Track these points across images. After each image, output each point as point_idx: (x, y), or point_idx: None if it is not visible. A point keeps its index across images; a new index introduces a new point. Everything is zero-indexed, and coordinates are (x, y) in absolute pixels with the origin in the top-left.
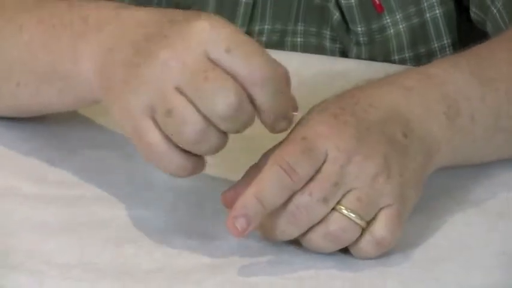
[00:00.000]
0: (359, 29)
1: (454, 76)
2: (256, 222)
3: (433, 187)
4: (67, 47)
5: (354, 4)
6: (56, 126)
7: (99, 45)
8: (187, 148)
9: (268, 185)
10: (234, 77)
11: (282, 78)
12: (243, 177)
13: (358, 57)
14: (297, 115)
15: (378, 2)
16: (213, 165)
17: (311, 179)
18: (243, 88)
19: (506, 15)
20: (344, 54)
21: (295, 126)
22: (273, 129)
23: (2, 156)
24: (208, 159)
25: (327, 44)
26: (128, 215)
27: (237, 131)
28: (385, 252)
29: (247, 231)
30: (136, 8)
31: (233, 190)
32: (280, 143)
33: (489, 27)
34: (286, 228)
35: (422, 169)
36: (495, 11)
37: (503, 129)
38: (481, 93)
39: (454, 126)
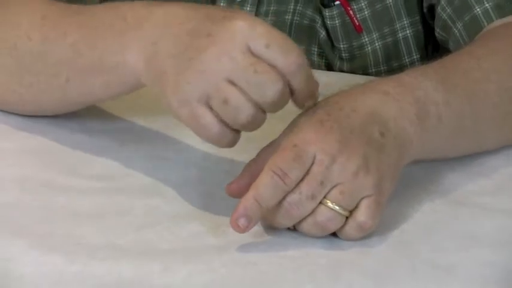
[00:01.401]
0: (342, 46)
1: (424, 84)
2: (256, 221)
3: (406, 179)
4: (112, 43)
5: (337, 25)
6: (88, 125)
7: (142, 39)
8: (238, 128)
9: (265, 189)
10: (276, 69)
11: (310, 67)
12: (243, 171)
13: (341, 70)
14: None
15: (357, 24)
16: (219, 161)
17: (301, 179)
18: (284, 77)
19: (465, 35)
20: (329, 67)
21: (288, 131)
22: (302, 106)
23: (42, 153)
24: (215, 157)
25: (315, 58)
26: (146, 204)
27: (277, 111)
28: (365, 235)
29: (248, 229)
30: (168, 5)
31: (235, 182)
32: (273, 142)
33: (451, 45)
34: (282, 221)
35: (397, 163)
36: (456, 31)
37: (466, 128)
38: (447, 98)
39: (424, 126)
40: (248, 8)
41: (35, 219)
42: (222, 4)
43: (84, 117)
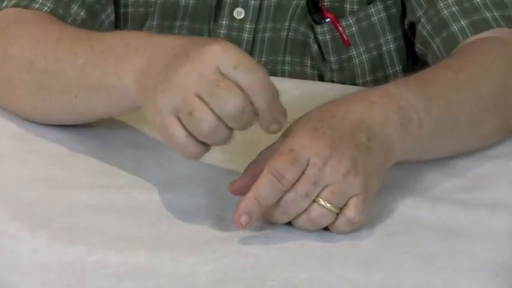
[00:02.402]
0: (332, 58)
1: (406, 94)
2: (256, 217)
3: (390, 178)
4: (110, 65)
5: (328, 40)
6: (105, 131)
7: (138, 63)
8: (202, 140)
9: (264, 189)
10: (240, 88)
11: (275, 91)
12: (244, 172)
13: (331, 80)
14: (289, 122)
15: (346, 39)
16: (223, 162)
17: (297, 180)
18: (247, 96)
19: (443, 50)
20: (321, 78)
21: (285, 136)
22: (267, 130)
23: (64, 155)
24: (220, 158)
25: (308, 70)
26: (159, 199)
27: (242, 129)
28: (354, 229)
29: (249, 224)
30: (164, 36)
31: (238, 181)
32: (272, 146)
33: (430, 58)
34: (280, 217)
35: (382, 165)
36: (435, 46)
37: (444, 133)
38: (427, 107)
39: (407, 131)
40: (248, 25)
41: (59, 213)
42: (223, 22)
43: (99, 124)
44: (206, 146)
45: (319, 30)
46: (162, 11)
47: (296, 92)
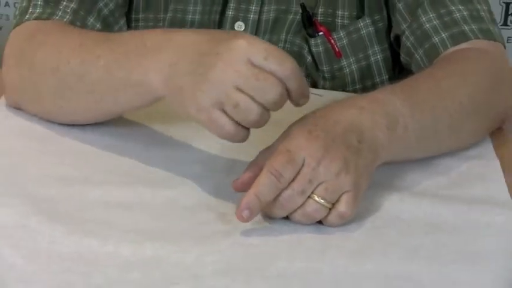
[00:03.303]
0: (325, 68)
1: (392, 100)
2: (257, 212)
3: (378, 176)
4: (135, 64)
5: (321, 51)
6: (115, 134)
7: (160, 61)
8: (249, 126)
9: (264, 187)
10: (275, 77)
11: (302, 73)
12: (246, 170)
13: (324, 88)
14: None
15: (337, 50)
16: (226, 162)
17: (293, 178)
18: (282, 82)
19: (425, 60)
20: (314, 86)
21: (283, 138)
22: (298, 104)
23: (78, 156)
24: (221, 157)
25: None
26: (166, 195)
27: (278, 109)
28: (345, 223)
29: (250, 219)
30: (182, 31)
31: (240, 179)
32: (270, 146)
33: (413, 67)
34: (278, 212)
35: (371, 165)
36: (418, 57)
37: (427, 136)
38: (411, 112)
39: (393, 134)
40: None
41: (75, 208)
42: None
43: (111, 124)
44: (248, 129)
45: (312, 42)
46: (170, 26)
47: None
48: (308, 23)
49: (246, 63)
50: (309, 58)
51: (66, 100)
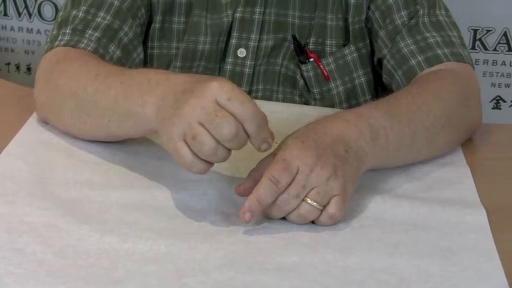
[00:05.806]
0: (315, 90)
1: (375, 114)
2: (257, 214)
3: (364, 181)
4: (136, 97)
5: (311, 75)
6: (133, 146)
7: (156, 96)
8: (205, 159)
9: (263, 192)
10: (233, 116)
11: (263, 117)
12: (247, 177)
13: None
14: (276, 143)
15: (326, 74)
16: (229, 170)
17: (289, 184)
18: (239, 122)
19: (404, 80)
20: (306, 105)
21: (279, 148)
22: (258, 149)
23: (101, 164)
24: (225, 166)
25: (297, 98)
26: (176, 198)
27: (236, 148)
28: (334, 223)
29: (251, 220)
30: (180, 74)
31: (242, 185)
32: (269, 156)
33: (394, 87)
34: (275, 213)
35: (357, 171)
36: (397, 77)
37: (406, 145)
38: (392, 124)
39: (376, 144)
40: (248, 62)
41: (97, 209)
42: (229, 60)
43: (128, 140)
44: (209, 164)
45: (304, 68)
46: (184, 55)
47: (288, 113)
48: (299, 51)
49: (213, 102)
50: (302, 81)
51: (82, 122)
